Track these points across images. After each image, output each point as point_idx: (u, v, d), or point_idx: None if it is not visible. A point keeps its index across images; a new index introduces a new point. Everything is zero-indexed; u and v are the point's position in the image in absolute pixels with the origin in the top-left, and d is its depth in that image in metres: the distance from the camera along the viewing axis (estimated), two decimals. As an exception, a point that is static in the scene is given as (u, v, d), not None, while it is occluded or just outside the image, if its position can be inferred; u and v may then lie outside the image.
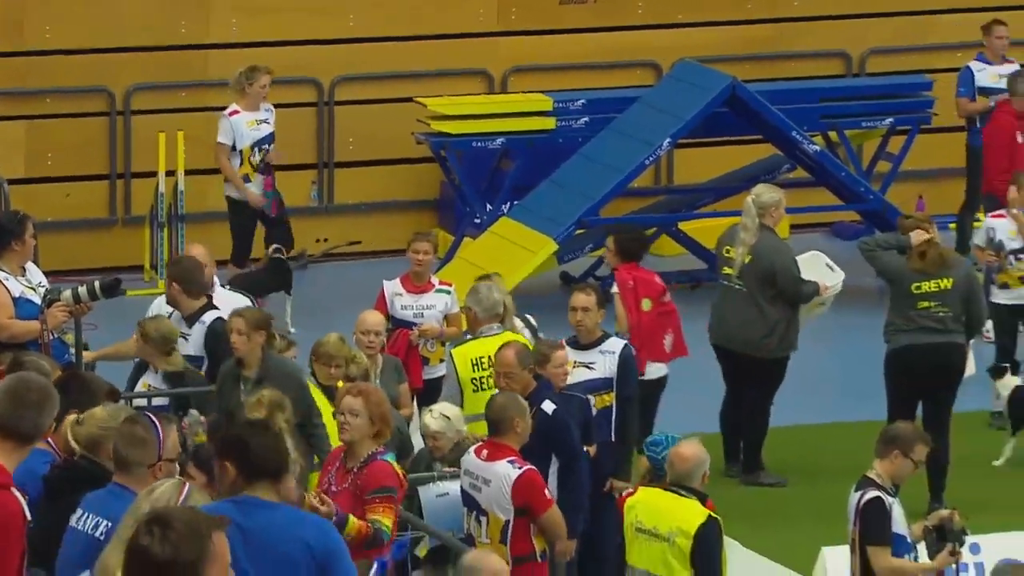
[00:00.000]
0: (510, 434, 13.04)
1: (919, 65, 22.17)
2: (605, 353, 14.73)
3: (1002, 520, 14.99)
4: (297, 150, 21.39)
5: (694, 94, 20.51)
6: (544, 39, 22.05)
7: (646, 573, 12.51)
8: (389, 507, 12.06)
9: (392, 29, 21.72)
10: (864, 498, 12.83)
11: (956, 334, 16.42)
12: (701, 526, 12.28)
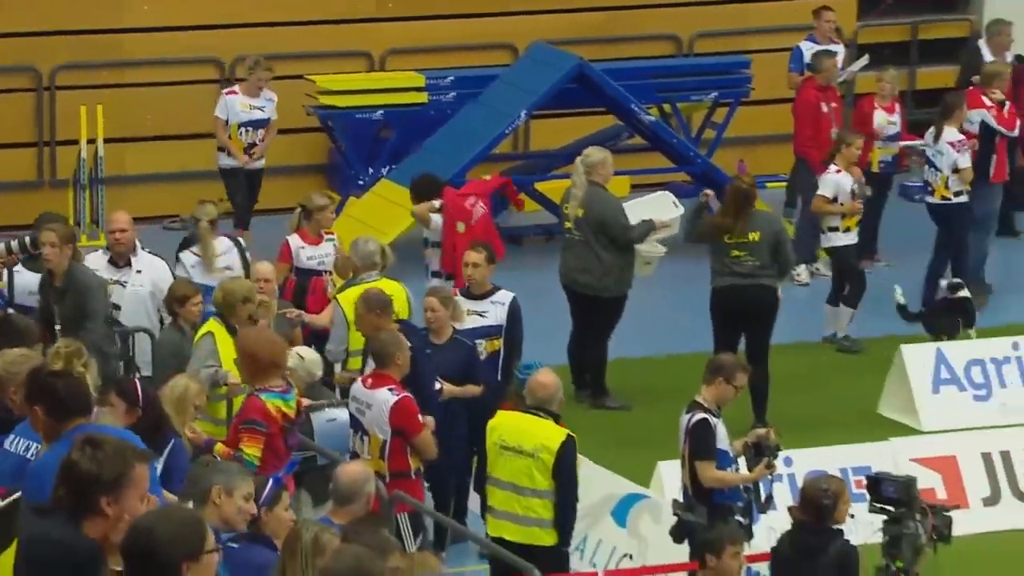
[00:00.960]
0: (391, 366, 13.01)
1: (739, 46, 22.24)
2: (496, 303, 14.71)
3: (813, 436, 15.02)
4: (203, 120, 20.97)
5: (546, 72, 20.52)
6: (417, 24, 21.95)
7: (511, 484, 12.58)
8: (253, 438, 11.82)
9: (285, 15, 21.56)
10: (692, 419, 12.87)
11: (764, 278, 16.35)
12: (562, 443, 12.48)
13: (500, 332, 14.64)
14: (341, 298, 14.83)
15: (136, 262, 15.21)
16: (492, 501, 12.73)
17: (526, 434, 12.58)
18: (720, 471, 12.73)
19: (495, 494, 12.70)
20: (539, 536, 12.53)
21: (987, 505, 14.87)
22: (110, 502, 6.98)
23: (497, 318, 14.66)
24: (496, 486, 12.68)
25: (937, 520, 11.65)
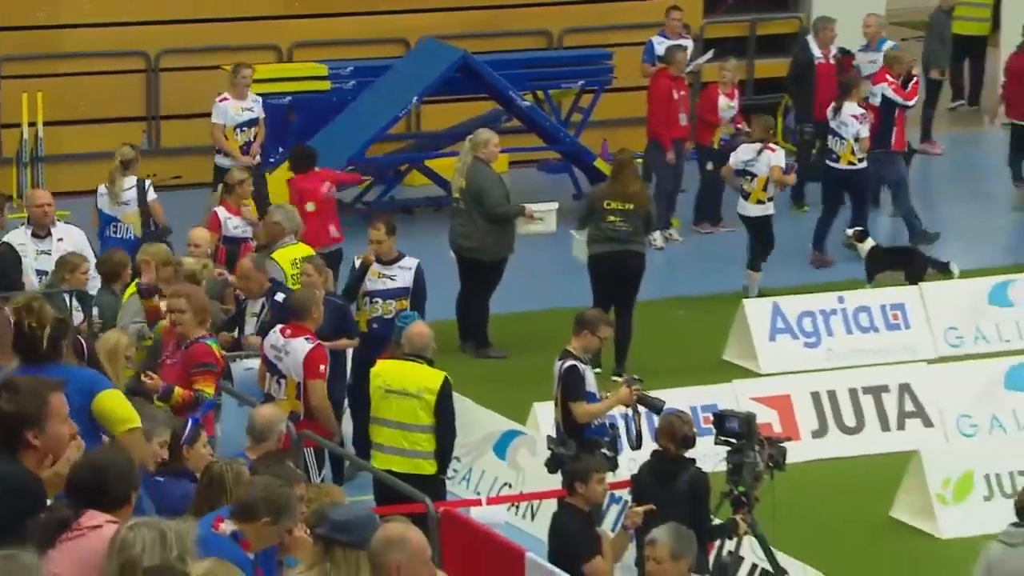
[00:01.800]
0: (308, 319, 13.05)
1: (602, 41, 22.19)
2: (403, 268, 14.65)
3: (668, 380, 15.01)
4: (131, 105, 21.07)
5: (434, 63, 20.41)
6: (320, 21, 21.79)
7: (397, 423, 12.58)
8: (208, 378, 12.06)
9: (204, 13, 21.37)
10: (564, 366, 12.91)
11: (636, 244, 16.44)
12: (441, 384, 12.55)
13: (407, 293, 14.62)
14: (277, 256, 14.85)
15: (56, 231, 15.14)
16: (379, 439, 12.73)
17: (408, 378, 12.63)
18: (590, 406, 12.81)
19: (382, 432, 12.70)
20: (423, 466, 12.58)
21: (815, 437, 14.98)
22: (36, 434, 6.99)
23: (405, 281, 14.65)
24: (383, 425, 12.70)
25: (773, 450, 11.73)
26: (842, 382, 15.30)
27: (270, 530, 7.65)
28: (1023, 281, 17.30)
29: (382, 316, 14.50)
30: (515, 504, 13.64)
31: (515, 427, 14.38)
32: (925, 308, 16.93)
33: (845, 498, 14.28)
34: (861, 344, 16.69)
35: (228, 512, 7.80)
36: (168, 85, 21.37)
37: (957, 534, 13.59)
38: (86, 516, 6.84)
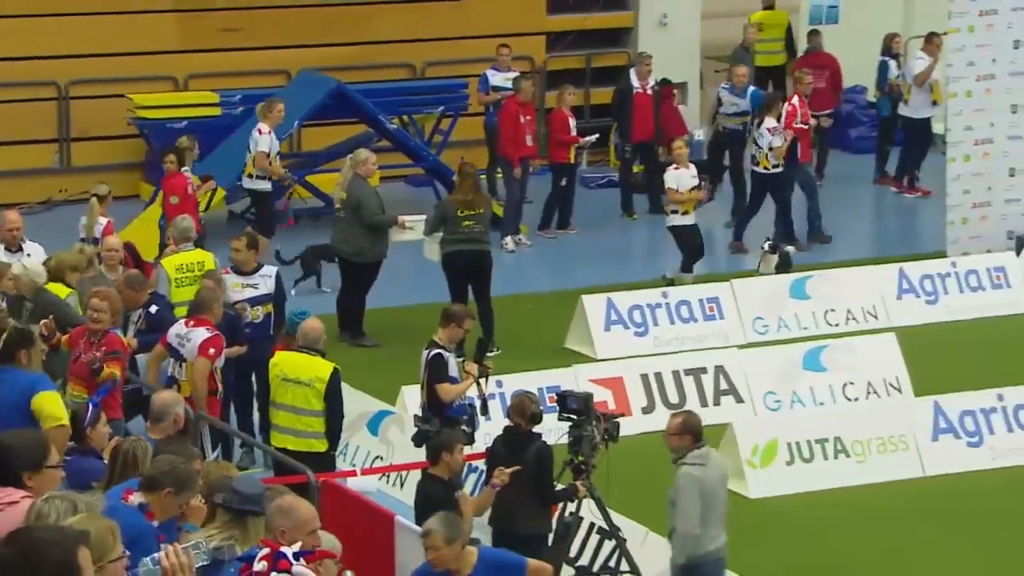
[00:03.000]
0: (208, 313, 13.00)
1: (459, 72, 22.24)
2: (264, 277, 14.39)
3: (518, 364, 15.12)
4: (45, 129, 20.94)
5: (312, 92, 20.36)
6: (212, 55, 21.65)
7: (292, 407, 12.56)
8: (117, 362, 12.08)
9: (109, 48, 21.19)
10: (431, 354, 12.94)
11: (485, 244, 16.54)
12: (331, 374, 12.50)
13: (270, 299, 14.39)
14: (164, 263, 14.71)
15: (26, 248, 14.92)
16: (276, 420, 12.67)
17: (301, 368, 12.56)
18: (452, 386, 12.85)
19: (278, 415, 12.64)
20: (315, 445, 12.53)
21: (645, 413, 15.07)
22: None
23: (267, 288, 14.39)
24: (280, 409, 12.63)
25: (608, 425, 11.81)
26: (667, 365, 15.41)
27: (172, 501, 7.63)
28: (817, 277, 17.56)
29: (251, 321, 14.21)
30: (386, 474, 13.64)
31: (386, 407, 14.37)
32: (736, 301, 17.12)
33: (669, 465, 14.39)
34: (682, 333, 16.83)
35: (136, 485, 7.78)
36: (77, 111, 21.18)
37: (764, 494, 13.76)
38: (2, 493, 6.75)
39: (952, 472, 14.05)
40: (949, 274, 17.82)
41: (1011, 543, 12.93)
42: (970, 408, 14.33)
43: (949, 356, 16.43)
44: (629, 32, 23.52)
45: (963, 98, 19.24)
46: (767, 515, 13.51)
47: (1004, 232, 19.24)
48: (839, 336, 16.38)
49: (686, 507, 10.96)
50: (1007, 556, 12.76)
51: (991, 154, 19.30)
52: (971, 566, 12.63)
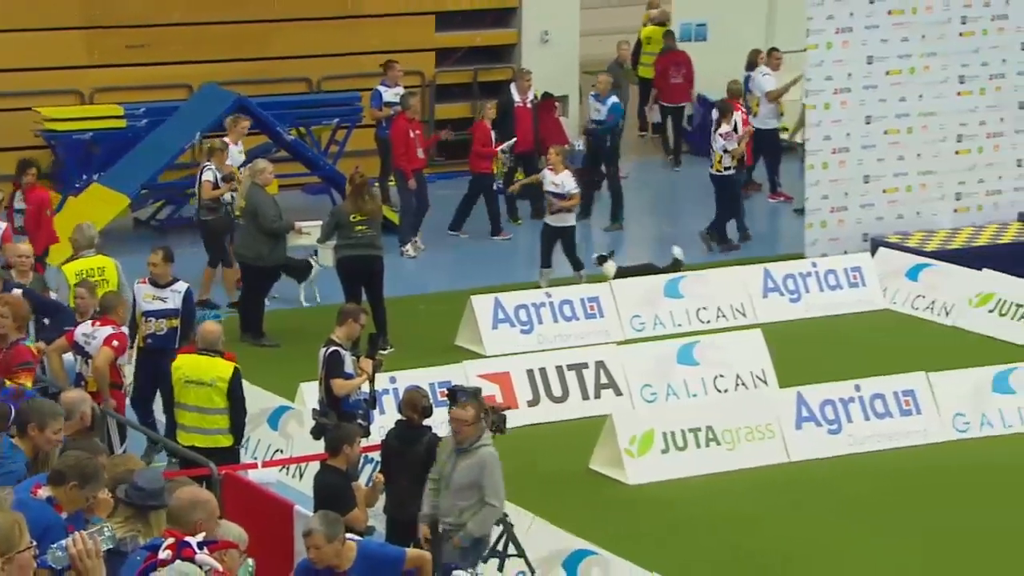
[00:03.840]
0: (113, 314, 12.85)
1: (353, 86, 22.12)
2: (174, 292, 14.03)
3: (411, 361, 15.04)
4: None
5: (214, 105, 20.12)
6: (117, 70, 21.37)
7: (197, 407, 12.44)
8: (28, 373, 11.78)
9: (18, 63, 20.89)
10: (328, 351, 12.85)
11: (377, 248, 16.46)
12: (232, 373, 12.36)
13: (176, 314, 14.01)
14: (65, 268, 14.48)
15: None
16: (183, 420, 12.55)
17: (203, 369, 12.44)
18: (347, 381, 12.76)
19: (185, 415, 12.53)
20: (220, 441, 12.45)
21: (530, 406, 15.08)
22: None
23: (175, 303, 14.03)
24: (186, 409, 12.53)
25: (496, 417, 11.73)
26: (551, 361, 15.41)
27: (78, 494, 7.54)
28: (689, 278, 17.65)
29: (155, 332, 13.88)
30: (285, 467, 13.53)
31: (285, 403, 14.26)
32: (615, 300, 17.17)
33: (554, 454, 14.42)
34: (565, 330, 16.84)
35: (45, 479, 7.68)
36: (-8, 123, 20.94)
37: (641, 481, 13.79)
38: None
39: (814, 458, 14.16)
40: (810, 274, 17.99)
41: (868, 522, 13.07)
42: (830, 398, 14.45)
43: (810, 350, 16.58)
44: (513, 48, 23.54)
45: (821, 110, 19.43)
46: (644, 500, 13.56)
47: (860, 235, 19.46)
48: (710, 332, 16.47)
49: (498, 483, 10.95)
50: (865, 534, 12.89)
51: (847, 162, 19.52)
52: (833, 544, 12.75)
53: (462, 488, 10.89)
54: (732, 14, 23.82)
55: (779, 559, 12.49)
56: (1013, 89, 19.76)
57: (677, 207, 22.28)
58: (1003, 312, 17.12)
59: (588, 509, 13.29)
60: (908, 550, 12.60)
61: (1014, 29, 19.59)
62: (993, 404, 14.69)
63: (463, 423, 10.87)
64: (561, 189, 18.05)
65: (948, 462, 14.13)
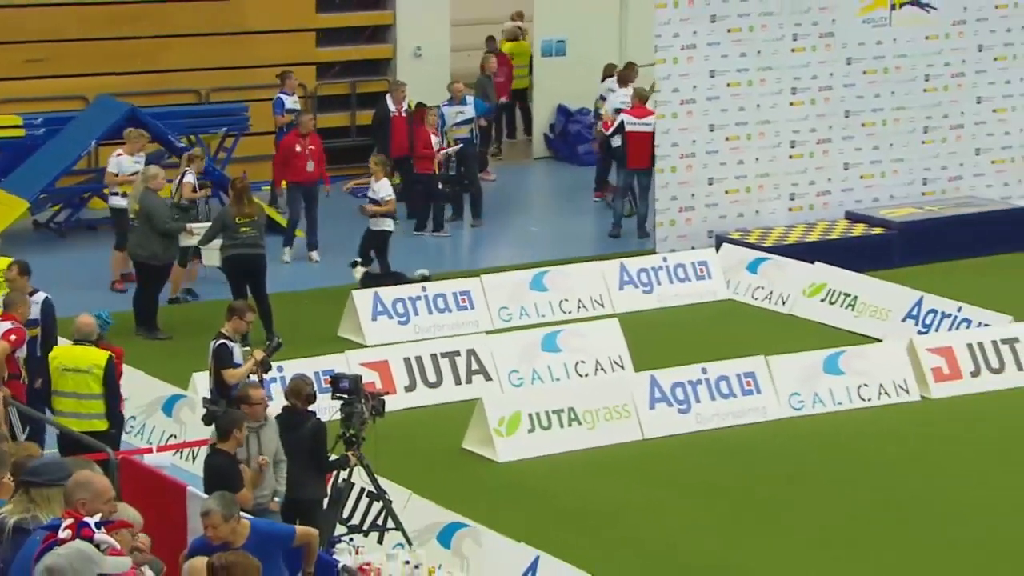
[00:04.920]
0: (13, 310, 12.66)
1: (240, 97, 21.87)
2: (33, 303, 13.19)
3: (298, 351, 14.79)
4: None
5: (108, 115, 19.76)
6: (16, 82, 20.86)
7: (74, 393, 12.25)
8: None
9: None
10: (217, 343, 12.67)
11: (261, 248, 16.31)
12: (107, 361, 12.17)
13: (36, 324, 13.30)
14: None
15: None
16: (59, 407, 12.30)
17: (79, 358, 12.28)
18: (235, 370, 12.61)
19: (61, 402, 12.28)
20: (96, 425, 12.22)
21: (408, 391, 14.95)
22: None
23: (34, 313, 13.33)
24: (63, 396, 12.29)
25: (375, 402, 11.73)
26: (426, 350, 15.35)
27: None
28: (552, 272, 17.69)
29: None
30: (179, 451, 13.33)
31: (178, 392, 14.06)
32: (484, 294, 17.14)
33: (430, 435, 14.36)
34: (439, 321, 16.78)
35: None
36: None
37: (510, 459, 13.79)
38: None
39: (666, 435, 14.26)
40: (661, 268, 18.11)
41: (712, 493, 13.18)
42: (680, 380, 14.56)
43: (662, 337, 16.70)
44: (389, 62, 23.45)
45: (670, 119, 19.57)
46: (513, 476, 13.56)
47: (706, 232, 19.63)
48: (571, 322, 16.51)
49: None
50: (708, 504, 12.99)
51: (693, 166, 19.68)
52: (683, 515, 12.84)
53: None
54: (588, 31, 23.93)
55: (633, 525, 12.57)
56: (840, 100, 20.06)
57: (540, 207, 22.28)
58: (833, 301, 17.37)
59: (461, 485, 13.26)
60: (747, 517, 12.72)
61: (840, 46, 19.90)
62: (824, 384, 14.89)
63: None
64: (378, 195, 17.87)
65: (785, 437, 14.29)
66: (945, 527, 12.43)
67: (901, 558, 11.94)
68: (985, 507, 12.76)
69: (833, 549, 12.12)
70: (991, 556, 11.94)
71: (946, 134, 20.41)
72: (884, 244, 19.17)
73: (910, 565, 11.84)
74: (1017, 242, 19.42)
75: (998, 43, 20.29)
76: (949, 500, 12.92)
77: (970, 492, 13.06)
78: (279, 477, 11.15)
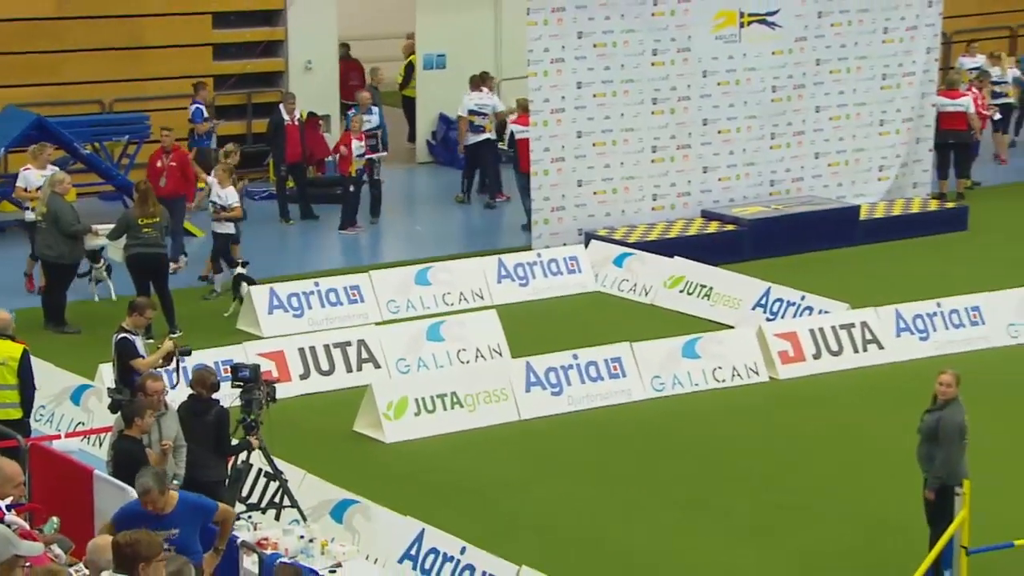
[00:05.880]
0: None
1: (141, 107, 21.50)
2: None
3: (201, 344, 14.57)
4: None
5: (16, 124, 19.33)
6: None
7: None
8: None
9: None
10: (119, 337, 12.49)
11: (161, 247, 16.12)
12: (22, 353, 12.00)
13: None
14: None
15: None
16: None
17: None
18: (141, 360, 12.43)
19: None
20: (11, 413, 12.02)
21: (302, 379, 14.85)
22: None
23: None
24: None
25: (269, 389, 11.68)
26: (319, 340, 15.23)
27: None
28: (436, 267, 17.65)
29: None
30: (86, 437, 13.11)
31: (85, 382, 13.82)
32: (373, 288, 17.07)
33: (323, 419, 14.27)
34: (331, 314, 16.65)
35: None
36: None
37: (397, 439, 13.75)
38: None
39: (541, 416, 14.32)
40: (536, 263, 18.16)
41: (585, 469, 13.26)
42: (553, 366, 14.61)
43: (537, 326, 16.76)
44: (281, 75, 23.26)
45: (542, 127, 19.65)
46: (400, 456, 13.54)
47: (576, 230, 19.74)
48: (453, 313, 16.50)
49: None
50: (585, 480, 13.06)
51: (564, 170, 19.75)
52: (559, 490, 12.90)
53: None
54: (466, 46, 23.94)
55: (512, 500, 12.60)
56: (697, 109, 20.27)
57: (424, 208, 22.23)
58: (691, 292, 17.56)
59: (352, 465, 13.20)
60: (617, 490, 12.82)
61: (696, 60, 20.11)
62: (683, 367, 15.05)
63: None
64: (224, 202, 17.64)
65: (648, 416, 14.43)
66: (791, 493, 12.65)
67: (753, 519, 12.14)
68: (826, 474, 13.00)
69: (694, 512, 12.28)
70: (832, 516, 12.18)
71: (790, 140, 20.75)
72: (736, 240, 19.42)
73: (760, 525, 12.04)
74: (852, 237, 19.83)
75: (833, 58, 20.69)
76: (794, 469, 13.13)
77: (813, 461, 13.29)
78: (178, 461, 11.04)
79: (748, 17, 20.17)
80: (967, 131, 21.76)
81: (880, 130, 21.11)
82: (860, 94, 20.86)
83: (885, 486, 12.27)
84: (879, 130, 21.10)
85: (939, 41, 21.46)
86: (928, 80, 21.20)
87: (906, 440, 11.11)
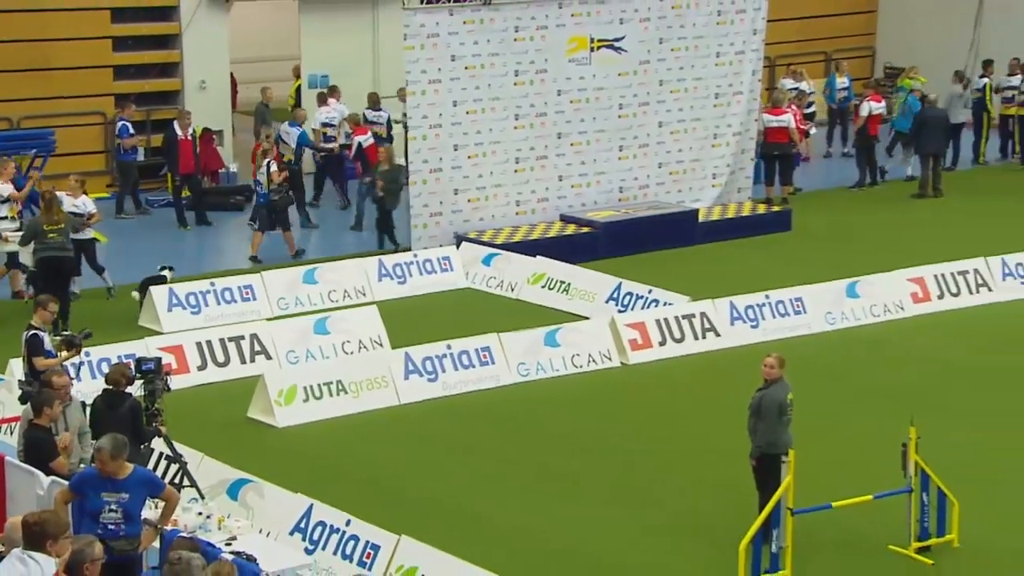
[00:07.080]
0: None
1: (48, 124, 21.11)
2: None
3: (108, 339, 14.35)
4: None
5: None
6: None
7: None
8: None
9: None
10: (28, 333, 12.18)
11: (67, 251, 15.79)
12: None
13: None
14: None
15: None
16: None
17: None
18: (47, 359, 12.13)
19: None
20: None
21: (200, 370, 14.66)
22: None
23: None
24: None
25: (166, 378, 11.48)
26: (215, 335, 15.03)
27: None
28: (322, 267, 17.52)
29: None
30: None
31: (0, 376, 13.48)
32: (265, 287, 16.91)
33: (220, 406, 14.09)
34: (227, 311, 16.41)
35: None
36: None
37: (288, 424, 13.64)
38: None
39: (418, 401, 14.31)
40: (413, 263, 18.14)
41: (460, 448, 13.28)
42: (429, 355, 14.61)
43: (414, 320, 16.74)
44: (178, 93, 22.89)
45: (421, 140, 19.65)
46: (291, 439, 13.43)
47: (451, 233, 19.77)
48: (338, 309, 16.40)
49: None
50: (460, 458, 13.08)
51: (441, 179, 19.76)
52: (436, 467, 12.90)
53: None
54: (348, 67, 23.81)
55: (395, 477, 12.57)
56: (553, 124, 20.44)
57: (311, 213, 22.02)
58: (551, 287, 17.70)
59: (247, 448, 13.04)
60: (489, 466, 12.86)
61: (551, 80, 20.30)
62: (545, 355, 15.17)
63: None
64: (82, 209, 17.33)
65: (515, 398, 14.51)
66: (643, 462, 12.83)
67: (611, 486, 12.29)
68: (673, 446, 13.21)
69: (557, 483, 12.38)
70: (680, 481, 12.39)
71: (636, 151, 21.05)
72: (591, 241, 19.64)
73: (617, 491, 12.19)
74: (692, 237, 20.19)
75: (673, 79, 21.06)
76: (646, 441, 13.32)
77: (662, 435, 13.50)
78: (84, 447, 10.81)
79: (598, 42, 20.44)
80: (789, 143, 22.30)
81: (714, 142, 21.55)
82: (696, 111, 21.28)
83: (725, 456, 12.52)
84: (713, 142, 21.54)
85: (762, 64, 21.98)
86: (753, 99, 21.70)
87: (740, 415, 11.34)
